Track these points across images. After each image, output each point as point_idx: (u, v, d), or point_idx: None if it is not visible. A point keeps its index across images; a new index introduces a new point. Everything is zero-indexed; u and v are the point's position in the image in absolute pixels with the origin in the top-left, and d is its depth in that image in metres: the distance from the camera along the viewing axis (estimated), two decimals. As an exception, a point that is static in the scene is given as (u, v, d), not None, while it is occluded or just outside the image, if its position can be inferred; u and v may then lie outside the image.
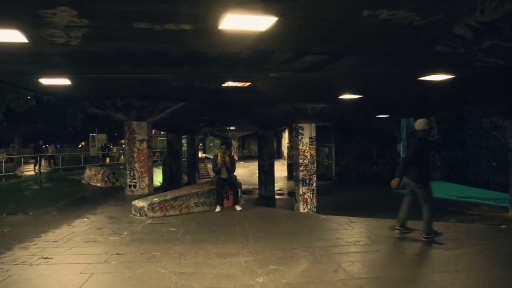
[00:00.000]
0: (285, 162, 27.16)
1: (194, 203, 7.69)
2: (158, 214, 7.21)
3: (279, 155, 36.32)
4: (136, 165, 10.56)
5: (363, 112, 15.05)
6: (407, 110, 16.27)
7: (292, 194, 19.33)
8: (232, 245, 5.25)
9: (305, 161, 12.42)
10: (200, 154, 38.34)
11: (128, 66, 6.29)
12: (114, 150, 35.42)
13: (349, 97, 10.47)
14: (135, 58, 5.75)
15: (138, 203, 7.36)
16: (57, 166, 22.30)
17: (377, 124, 22.78)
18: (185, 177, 24.66)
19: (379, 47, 5.48)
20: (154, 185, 22.54)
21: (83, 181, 14.24)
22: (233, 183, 8.07)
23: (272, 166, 17.95)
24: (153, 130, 38.96)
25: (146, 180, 10.63)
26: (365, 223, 6.78)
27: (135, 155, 10.57)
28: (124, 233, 6.00)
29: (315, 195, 12.57)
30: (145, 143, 10.63)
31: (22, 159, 21.68)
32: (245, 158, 38.19)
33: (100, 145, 31.51)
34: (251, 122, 17.54)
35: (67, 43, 4.70)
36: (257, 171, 26.06)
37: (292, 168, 26.40)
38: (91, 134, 44.10)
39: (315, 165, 12.66)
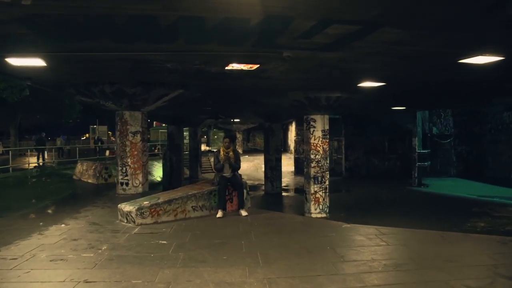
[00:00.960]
0: (292, 156, 25.95)
1: (192, 207, 6.51)
2: (149, 220, 6.04)
3: (285, 149, 35.12)
4: (129, 160, 9.40)
5: (380, 104, 13.78)
6: (429, 102, 14.95)
7: (299, 190, 18.19)
8: (237, 269, 4.07)
9: (317, 156, 11.21)
10: (204, 147, 37.20)
11: (108, 41, 5.08)
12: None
13: (370, 85, 9.20)
14: (114, 28, 4.53)
15: (125, 207, 6.19)
16: (65, 158, 22.46)
17: (389, 117, 21.47)
18: (187, 171, 23.56)
19: (427, 14, 4.23)
20: (154, 180, 21.62)
21: (74, 177, 13.12)
22: (237, 184, 6.88)
23: (279, 161, 16.75)
24: (154, 122, 38.08)
25: (140, 177, 9.47)
26: (400, 236, 5.58)
27: (128, 149, 9.40)
28: (103, 248, 4.84)
29: (327, 194, 11.37)
30: (139, 135, 9.46)
31: (11, 152, 20.61)
32: (250, 151, 36.97)
33: (93, 138, 30.89)
34: (257, 114, 16.31)
35: (15, 2, 3.48)
36: (262, 166, 24.93)
37: (299, 163, 25.37)
38: (91, 126, 43.11)
39: (328, 161, 11.45)
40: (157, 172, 22.16)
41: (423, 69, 7.42)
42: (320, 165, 11.23)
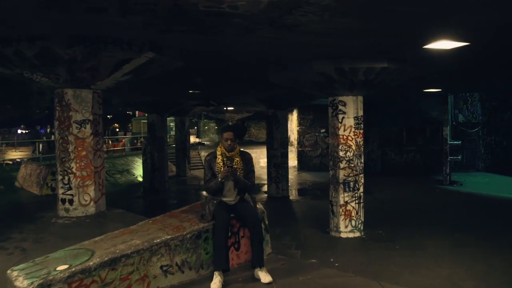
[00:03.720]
0: (294, 149, 22.75)
1: (162, 267, 3.28)
2: (67, 306, 2.81)
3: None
4: (73, 165, 6.14)
5: (420, 82, 10.56)
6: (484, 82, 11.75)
7: (308, 192, 15.02)
8: None
9: (348, 153, 8.04)
10: (193, 139, 33.81)
11: None
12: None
13: (442, 46, 5.98)
14: None
15: (17, 279, 2.92)
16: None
17: (407, 102, 18.42)
18: (174, 168, 20.27)
19: None
20: (135, 180, 18.25)
21: (16, 183, 9.74)
22: (250, 217, 3.62)
23: (285, 157, 13.54)
24: (137, 112, 34.63)
25: (91, 191, 6.23)
26: None
27: (71, 148, 6.14)
28: None
29: (362, 204, 8.24)
30: (88, 127, 6.20)
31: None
32: (245, 143, 33.69)
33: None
34: (258, 98, 13.02)
35: None
36: (261, 160, 21.64)
37: (303, 157, 22.18)
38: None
39: (362, 160, 8.30)
40: (140, 170, 18.85)
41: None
42: (352, 165, 8.07)
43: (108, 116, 58.88)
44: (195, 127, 39.27)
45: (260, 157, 22.66)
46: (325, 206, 11.31)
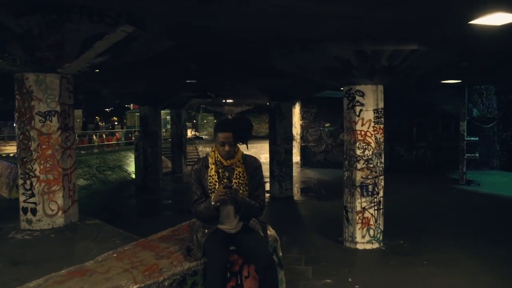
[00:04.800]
0: (296, 144, 21.59)
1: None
2: None
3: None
4: (36, 166, 4.99)
5: (455, 70, 9.28)
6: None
7: (312, 191, 13.91)
8: None
9: (366, 152, 6.93)
10: (190, 133, 32.64)
11: None
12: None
13: (493, 21, 4.81)
14: None
15: None
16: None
17: (418, 95, 17.26)
18: (169, 164, 19.15)
19: None
20: (128, 177, 17.07)
21: (-14, 184, 8.59)
22: (259, 253, 2.46)
23: (289, 154, 12.39)
24: (132, 105, 33.47)
25: (59, 198, 5.09)
26: None
27: (33, 145, 4.99)
28: None
29: (382, 211, 7.12)
30: (55, 119, 5.05)
31: None
32: (243, 137, 32.50)
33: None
34: (261, 89, 11.81)
35: None
36: (261, 156, 20.50)
37: (306, 153, 21.05)
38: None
39: (382, 160, 7.17)
40: (133, 166, 17.70)
41: None
42: (371, 166, 6.96)
43: (107, 110, 57.64)
44: (194, 121, 38.08)
45: (260, 152, 21.54)
46: (332, 209, 10.23)
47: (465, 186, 13.76)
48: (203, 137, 30.92)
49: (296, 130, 21.65)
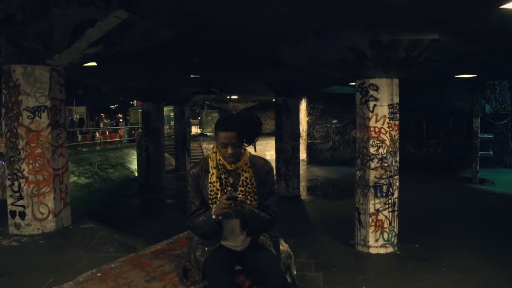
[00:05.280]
0: (302, 141, 21.10)
1: None
2: None
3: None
4: (24, 166, 4.59)
5: (474, 63, 8.73)
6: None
7: (317, 189, 13.47)
8: None
9: (380, 150, 6.46)
10: (195, 130, 32.27)
11: None
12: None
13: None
14: None
15: None
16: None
17: (427, 91, 16.74)
18: (172, 161, 18.78)
19: None
20: (131, 175, 16.69)
21: (-20, 183, 8.25)
22: (271, 274, 2.03)
23: (296, 151, 11.95)
24: (135, 101, 33.20)
25: (50, 201, 4.70)
26: None
27: (21, 143, 4.59)
28: None
29: (396, 213, 6.67)
30: (44, 116, 4.65)
31: None
32: (248, 134, 32.07)
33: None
34: (267, 83, 11.34)
35: None
36: (267, 153, 20.06)
37: (312, 150, 20.57)
38: (67, 107, 37.66)
39: (398, 159, 6.70)
40: (136, 163, 17.35)
41: None
42: (385, 165, 6.49)
43: (112, 107, 57.39)
44: (198, 118, 37.65)
45: (266, 150, 21.08)
46: (341, 208, 9.77)
47: (478, 185, 13.24)
48: (208, 133, 30.56)
49: (302, 126, 21.17)
